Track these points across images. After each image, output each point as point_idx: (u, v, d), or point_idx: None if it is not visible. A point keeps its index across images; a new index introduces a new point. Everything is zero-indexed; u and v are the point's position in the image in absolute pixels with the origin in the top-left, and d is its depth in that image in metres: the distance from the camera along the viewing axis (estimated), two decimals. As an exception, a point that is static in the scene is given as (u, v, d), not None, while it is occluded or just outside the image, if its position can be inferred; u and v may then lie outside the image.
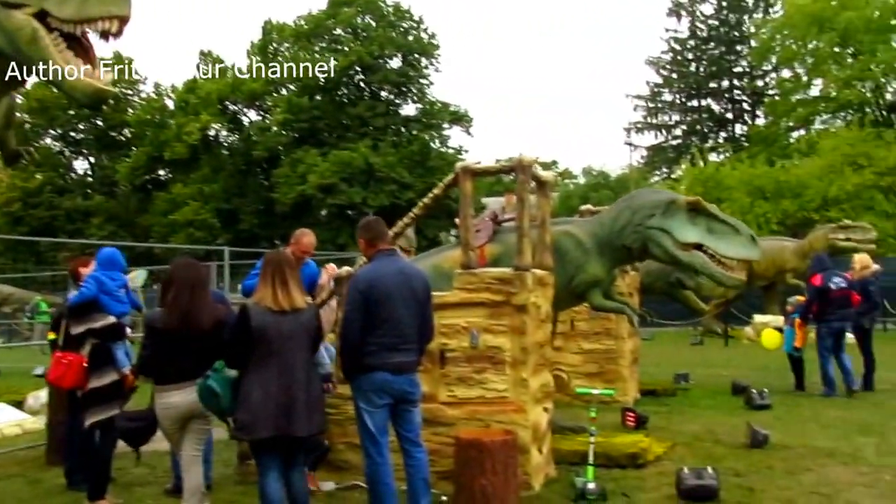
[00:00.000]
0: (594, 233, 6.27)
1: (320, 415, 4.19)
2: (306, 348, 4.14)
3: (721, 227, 5.93)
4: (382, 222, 4.74)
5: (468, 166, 5.32)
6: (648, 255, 6.25)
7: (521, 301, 5.17)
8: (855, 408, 8.28)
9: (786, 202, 27.22)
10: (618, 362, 8.78)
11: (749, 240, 5.89)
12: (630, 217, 6.16)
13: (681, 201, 6.05)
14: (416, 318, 4.43)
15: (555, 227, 6.34)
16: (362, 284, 4.34)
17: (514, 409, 5.17)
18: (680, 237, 5.90)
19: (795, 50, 35.20)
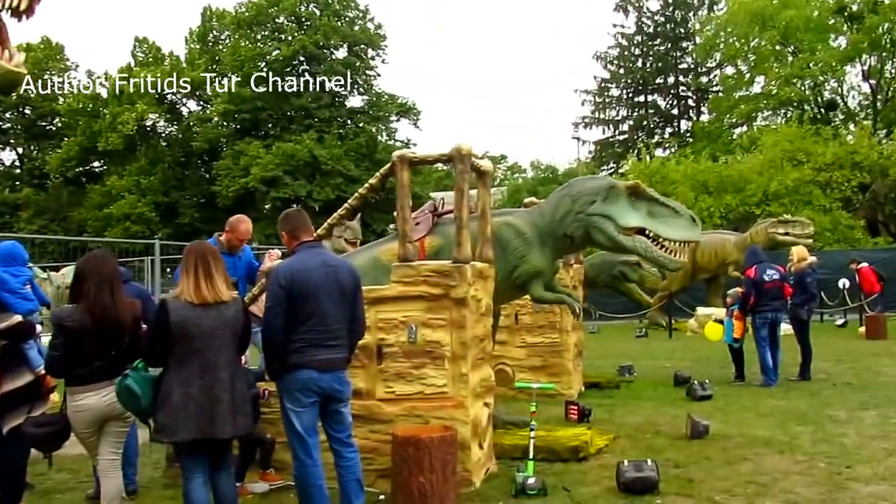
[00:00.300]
0: (535, 223, 6.19)
1: (247, 416, 3.97)
2: (231, 345, 3.91)
3: (662, 210, 5.90)
4: (304, 213, 4.56)
5: (405, 155, 5.17)
6: (591, 242, 6.19)
7: (460, 294, 5.05)
8: (792, 398, 8.43)
9: (728, 197, 27.79)
10: (562, 356, 8.75)
11: (690, 221, 5.88)
12: (570, 205, 6.09)
13: (621, 186, 5.99)
14: (343, 312, 4.27)
15: (495, 219, 6.24)
16: (284, 279, 4.15)
17: (453, 405, 5.05)
18: (622, 222, 5.85)
19: (738, 47, 36.05)
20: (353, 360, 5.16)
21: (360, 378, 5.19)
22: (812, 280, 10.04)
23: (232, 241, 6.35)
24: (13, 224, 34.33)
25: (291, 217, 4.48)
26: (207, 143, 34.15)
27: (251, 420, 4.01)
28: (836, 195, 25.98)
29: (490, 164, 5.69)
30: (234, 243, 6.36)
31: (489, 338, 5.56)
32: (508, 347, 8.88)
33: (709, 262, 18.54)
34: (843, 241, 25.48)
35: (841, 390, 8.82)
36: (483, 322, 5.41)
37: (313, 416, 4.22)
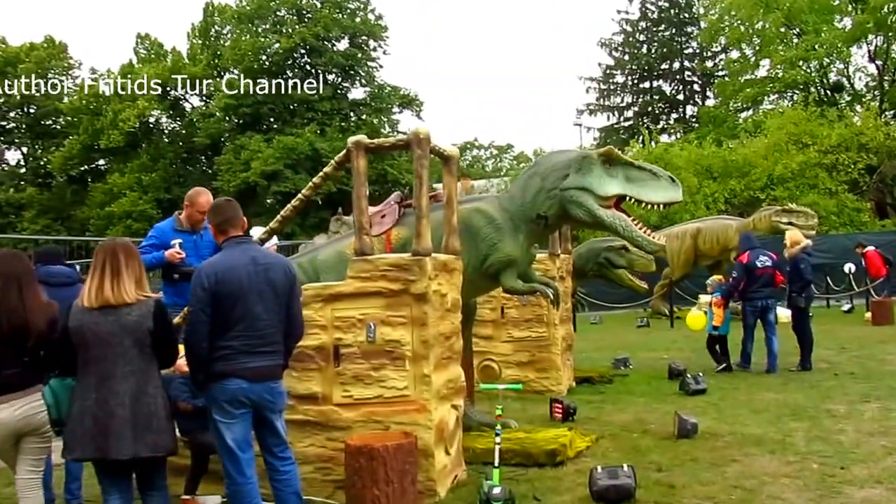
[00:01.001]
0: (505, 208, 5.83)
1: (160, 433, 3.53)
2: (133, 353, 3.51)
3: (639, 173, 5.54)
4: (235, 205, 4.14)
5: (360, 141, 4.81)
6: (567, 220, 5.83)
7: (421, 289, 4.70)
8: (790, 390, 8.05)
9: (733, 182, 27.30)
10: (550, 350, 8.40)
11: (669, 182, 5.53)
12: (540, 183, 5.73)
13: (593, 155, 5.64)
14: (276, 315, 3.90)
15: (464, 205, 5.90)
16: (208, 279, 3.77)
17: (415, 409, 4.71)
18: (600, 192, 5.48)
19: (743, 31, 35.43)
20: (306, 362, 4.88)
21: (315, 381, 4.87)
22: (806, 265, 9.64)
23: (193, 217, 5.90)
24: (17, 224, 34.22)
25: (220, 209, 4.09)
26: (209, 138, 33.85)
27: (168, 438, 3.58)
28: (843, 178, 25.45)
29: (455, 150, 5.34)
30: (195, 218, 5.89)
31: (457, 335, 5.21)
32: (494, 342, 8.55)
33: (710, 248, 18.13)
34: (849, 224, 24.97)
35: (842, 381, 8.43)
36: (449, 318, 5.06)
37: (245, 429, 3.88)
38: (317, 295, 4.87)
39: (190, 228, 5.94)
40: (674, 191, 5.49)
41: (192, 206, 5.90)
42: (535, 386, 8.39)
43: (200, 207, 5.85)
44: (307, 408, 4.88)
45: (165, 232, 5.94)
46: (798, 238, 9.83)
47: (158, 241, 5.88)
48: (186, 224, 5.95)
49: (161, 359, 3.65)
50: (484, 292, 6.31)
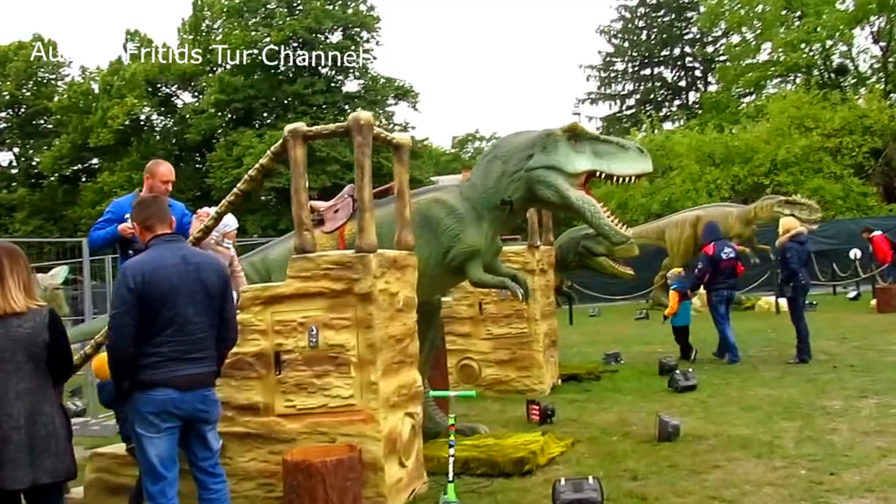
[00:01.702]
0: (466, 196, 5.45)
1: (57, 457, 3.17)
2: (28, 370, 3.15)
3: (606, 147, 5.22)
4: (162, 201, 3.83)
5: (297, 129, 4.41)
6: (534, 202, 5.47)
7: (365, 289, 4.30)
8: (785, 385, 7.62)
9: (736, 168, 26.79)
10: (531, 347, 7.99)
11: (638, 153, 5.20)
12: (503, 167, 5.37)
13: (557, 131, 5.28)
14: (209, 318, 3.58)
15: (423, 196, 5.52)
16: (134, 280, 3.44)
17: (361, 419, 4.32)
18: (569, 168, 5.15)
19: (743, 14, 34.78)
20: (246, 370, 4.50)
21: (256, 391, 4.49)
22: (793, 255, 9.16)
23: (156, 189, 5.42)
24: (9, 225, 33.92)
25: (146, 205, 3.76)
26: (201, 134, 33.39)
27: (68, 461, 3.21)
28: (847, 161, 24.91)
29: (407, 137, 4.93)
30: (157, 190, 5.40)
31: (412, 337, 4.81)
32: (473, 340, 8.17)
33: (710, 236, 17.67)
34: (855, 208, 24.43)
35: (841, 374, 8.00)
36: (401, 319, 4.67)
37: (171, 445, 3.52)
38: (255, 297, 4.48)
39: None
40: (644, 162, 5.18)
41: (154, 177, 5.48)
42: (517, 385, 8.01)
43: (163, 177, 5.49)
44: (248, 419, 4.50)
45: (123, 207, 5.53)
46: (790, 226, 9.46)
47: (115, 216, 5.49)
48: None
49: (56, 374, 3.28)
50: (447, 288, 5.92)
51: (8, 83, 36.85)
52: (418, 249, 5.34)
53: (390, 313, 4.51)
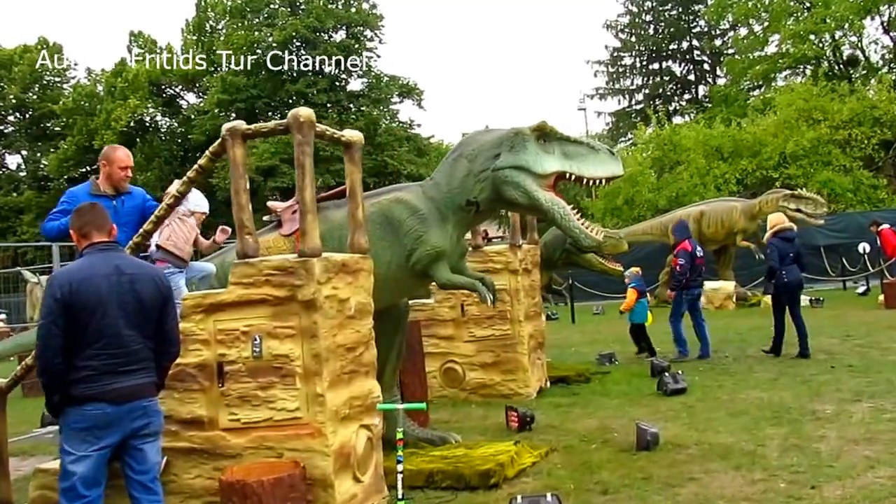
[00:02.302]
0: (430, 196, 5.22)
1: None
2: None
3: (576, 148, 5.01)
4: (100, 208, 3.62)
5: (236, 127, 4.18)
6: (500, 203, 5.21)
7: (308, 295, 4.06)
8: (779, 387, 7.30)
9: (744, 161, 26.37)
10: (516, 350, 7.72)
11: (609, 155, 4.99)
12: (468, 166, 5.16)
13: (526, 130, 5.06)
14: (144, 330, 3.41)
15: (384, 196, 5.29)
16: (61, 289, 3.26)
17: (309, 433, 4.08)
18: (538, 169, 4.94)
19: (751, 7, 34.24)
20: (188, 382, 4.27)
21: (199, 404, 4.26)
22: (773, 251, 8.99)
23: (114, 176, 5.24)
24: (17, 228, 34.06)
25: (82, 212, 3.58)
26: (204, 135, 33.36)
27: None
28: (857, 154, 24.41)
29: (358, 135, 4.68)
30: (117, 176, 5.24)
31: (367, 345, 4.56)
32: (456, 343, 7.91)
33: (715, 231, 17.32)
34: (866, 201, 23.93)
35: (838, 375, 7.67)
36: (353, 327, 4.41)
37: (98, 466, 3.31)
38: (197, 305, 4.25)
39: (111, 191, 5.28)
40: (614, 165, 4.96)
41: (111, 164, 5.24)
42: (502, 389, 7.74)
43: (121, 162, 5.24)
44: (192, 434, 4.27)
45: (79, 196, 5.25)
46: (776, 221, 9.29)
47: (70, 206, 5.13)
48: (105, 187, 5.29)
49: None
50: (412, 292, 5.66)
51: (14, 87, 36.99)
52: (380, 252, 5.11)
53: (339, 321, 4.26)
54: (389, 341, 5.60)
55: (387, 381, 5.62)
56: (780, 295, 9.00)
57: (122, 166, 5.26)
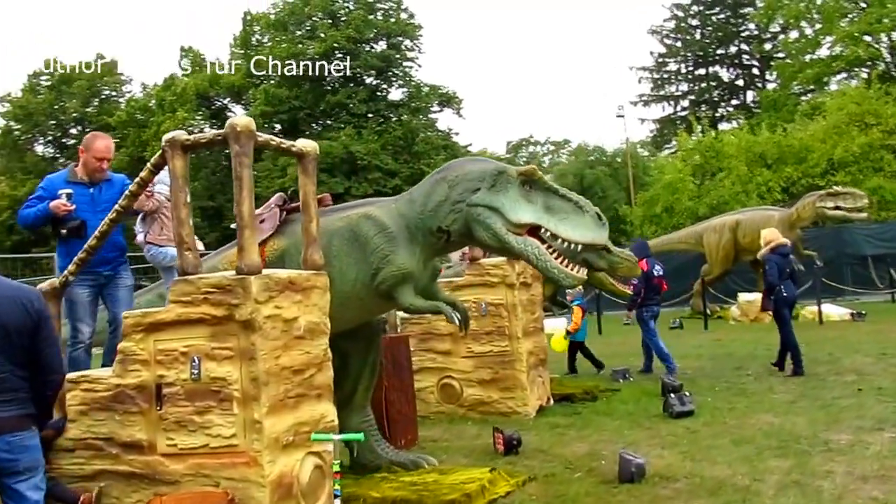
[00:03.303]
0: (402, 213, 4.93)
1: None
2: None
3: (561, 203, 4.58)
4: None
5: (175, 138, 3.98)
6: (471, 239, 4.89)
7: (245, 315, 3.83)
8: (795, 411, 6.80)
9: (789, 168, 25.40)
10: (514, 367, 7.37)
11: (595, 220, 4.52)
12: (447, 192, 4.82)
13: (511, 172, 4.70)
14: (11, 356, 3.20)
15: (353, 211, 5.05)
16: None
17: (244, 462, 3.84)
18: (512, 217, 4.57)
19: (802, 8, 33.10)
20: (128, 404, 4.09)
21: (139, 427, 4.06)
22: (772, 267, 8.86)
23: (89, 164, 5.17)
24: (79, 238, 35.19)
25: None
26: (250, 145, 33.99)
27: None
28: (911, 159, 23.26)
29: (311, 145, 4.45)
30: (92, 167, 5.17)
31: (321, 367, 4.30)
32: (454, 358, 7.61)
33: (751, 241, 16.53)
34: (919, 210, 22.75)
35: (863, 399, 7.11)
36: (303, 348, 4.16)
37: None
38: (137, 324, 4.07)
39: (87, 180, 5.21)
40: (597, 232, 4.52)
41: (88, 152, 5.17)
42: (500, 407, 7.42)
43: (98, 153, 5.15)
44: (132, 458, 4.08)
45: (56, 183, 5.24)
46: (771, 237, 9.19)
47: (47, 193, 5.17)
48: (82, 174, 5.23)
49: None
50: (378, 313, 5.36)
51: (74, 101, 38.28)
52: (346, 269, 4.87)
53: (284, 342, 4.02)
54: (362, 360, 5.35)
55: (358, 401, 5.38)
56: (781, 308, 8.89)
57: (99, 157, 5.16)
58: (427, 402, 7.58)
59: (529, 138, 68.83)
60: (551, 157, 59.44)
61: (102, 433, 4.16)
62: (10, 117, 39.88)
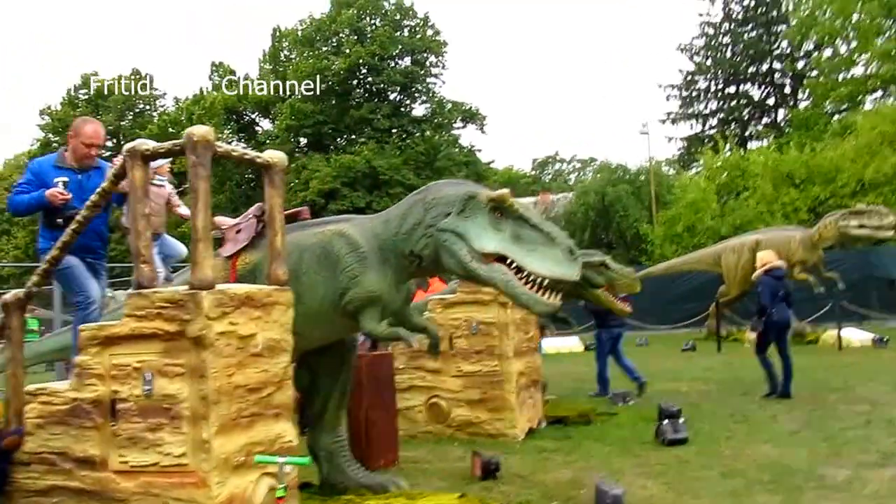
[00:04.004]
0: (376, 233, 4.81)
1: None
2: None
3: (531, 234, 4.36)
4: None
5: (135, 148, 3.92)
6: (441, 266, 4.72)
7: (196, 332, 3.75)
8: (796, 442, 6.52)
9: (816, 188, 24.89)
10: (503, 387, 7.20)
11: (566, 253, 4.30)
12: (422, 215, 4.67)
13: (482, 197, 4.49)
14: None
15: (327, 227, 4.95)
16: None
17: (193, 483, 3.75)
18: (477, 244, 4.39)
19: (837, 27, 32.54)
20: (83, 418, 4.02)
21: (93, 442, 3.99)
22: (765, 289, 8.87)
23: (78, 150, 5.03)
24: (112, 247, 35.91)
25: None
26: (274, 158, 34.37)
27: None
28: (946, 181, 22.63)
29: (279, 156, 4.36)
30: (81, 152, 5.03)
31: (280, 385, 4.20)
32: (443, 377, 7.46)
33: (772, 263, 16.17)
34: (952, 234, 22.03)
35: (871, 431, 6.81)
36: (261, 366, 4.06)
37: None
38: (92, 337, 4.01)
39: (77, 165, 5.11)
40: (567, 267, 4.27)
41: (77, 137, 5.03)
42: (488, 429, 7.24)
43: (86, 138, 5.01)
44: (84, 474, 4.01)
45: (44, 168, 5.14)
46: (766, 259, 9.13)
47: (36, 179, 5.07)
48: (71, 160, 5.12)
49: None
50: (345, 333, 5.20)
51: (110, 115, 39.18)
52: (316, 286, 4.77)
53: (239, 359, 3.92)
54: (333, 378, 5.24)
55: (329, 420, 5.27)
56: (767, 333, 8.89)
57: (88, 143, 5.02)
58: (415, 422, 7.43)
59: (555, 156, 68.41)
60: (577, 174, 59.13)
61: (57, 447, 4.11)
62: (48, 130, 40.98)
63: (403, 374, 7.39)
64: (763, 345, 8.95)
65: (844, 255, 19.25)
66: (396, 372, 7.24)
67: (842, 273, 16.66)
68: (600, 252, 8.81)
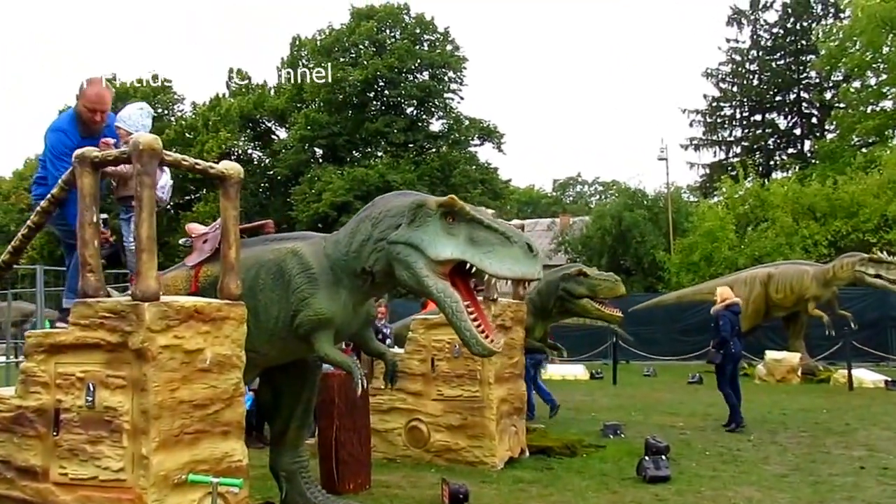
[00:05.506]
0: (328, 254, 4.70)
1: None
2: None
3: (486, 235, 4.20)
4: None
5: (84, 154, 3.86)
6: (396, 281, 4.58)
7: (137, 344, 3.67)
8: (783, 487, 6.27)
9: (838, 222, 24.40)
10: (483, 413, 7.04)
11: (525, 251, 4.13)
12: (370, 231, 4.56)
13: (431, 203, 4.36)
14: None
15: (283, 244, 4.86)
16: None
17: (130, 499, 3.65)
18: (432, 253, 4.24)
19: (867, 59, 32.11)
20: (27, 427, 3.96)
21: (35, 452, 3.93)
22: (725, 322, 9.25)
23: (83, 115, 4.56)
24: (119, 256, 36.22)
25: None
26: (288, 168, 34.45)
27: None
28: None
29: (234, 168, 4.29)
30: (85, 116, 4.57)
31: (229, 402, 4.10)
32: (423, 400, 7.32)
33: (784, 297, 15.84)
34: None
35: (862, 479, 6.53)
36: (208, 381, 3.97)
37: None
38: (38, 344, 3.95)
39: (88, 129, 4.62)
40: (527, 265, 4.12)
41: (80, 99, 4.55)
42: (467, 456, 7.08)
43: (88, 101, 4.53)
44: (25, 484, 3.96)
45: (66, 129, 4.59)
46: (726, 295, 9.70)
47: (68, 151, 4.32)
48: (81, 122, 4.64)
49: None
50: (301, 354, 5.06)
51: (129, 118, 39.80)
52: (269, 305, 4.69)
53: (184, 374, 3.84)
54: (295, 397, 5.13)
55: (290, 440, 5.16)
56: (726, 366, 9.29)
57: (90, 107, 4.55)
58: (394, 444, 7.30)
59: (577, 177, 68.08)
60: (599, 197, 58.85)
61: (1, 455, 4.05)
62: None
63: (384, 396, 7.26)
64: (726, 376, 9.38)
65: (863, 292, 18.78)
66: (377, 393, 7.12)
67: (859, 312, 16.25)
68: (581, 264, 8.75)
